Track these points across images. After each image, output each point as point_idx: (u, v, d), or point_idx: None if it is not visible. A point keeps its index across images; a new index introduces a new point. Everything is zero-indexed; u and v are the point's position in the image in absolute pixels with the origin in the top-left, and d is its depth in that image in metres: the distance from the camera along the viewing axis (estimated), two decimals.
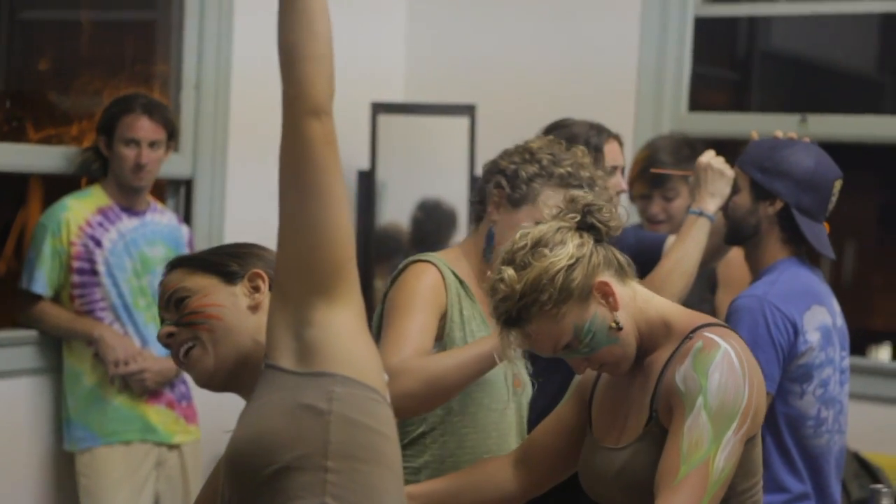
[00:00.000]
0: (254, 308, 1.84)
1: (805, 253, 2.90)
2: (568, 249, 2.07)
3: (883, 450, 4.17)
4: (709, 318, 2.13)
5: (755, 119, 4.78)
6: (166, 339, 1.87)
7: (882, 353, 5.78)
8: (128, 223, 3.91)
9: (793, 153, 2.86)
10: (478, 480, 2.33)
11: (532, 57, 4.99)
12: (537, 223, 2.23)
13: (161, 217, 4.01)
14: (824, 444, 2.77)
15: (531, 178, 2.57)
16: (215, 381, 1.85)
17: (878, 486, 2.50)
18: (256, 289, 1.85)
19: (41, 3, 4.70)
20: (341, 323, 1.69)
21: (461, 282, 2.59)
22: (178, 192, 4.46)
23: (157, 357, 3.87)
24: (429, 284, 2.52)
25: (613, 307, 2.08)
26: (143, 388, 3.84)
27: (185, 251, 4.02)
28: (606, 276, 2.09)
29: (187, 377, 3.96)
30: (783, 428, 2.73)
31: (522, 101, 4.88)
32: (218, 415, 4.30)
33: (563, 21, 4.95)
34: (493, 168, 2.64)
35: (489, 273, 2.14)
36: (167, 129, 3.89)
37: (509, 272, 2.07)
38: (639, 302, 2.13)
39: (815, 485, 2.76)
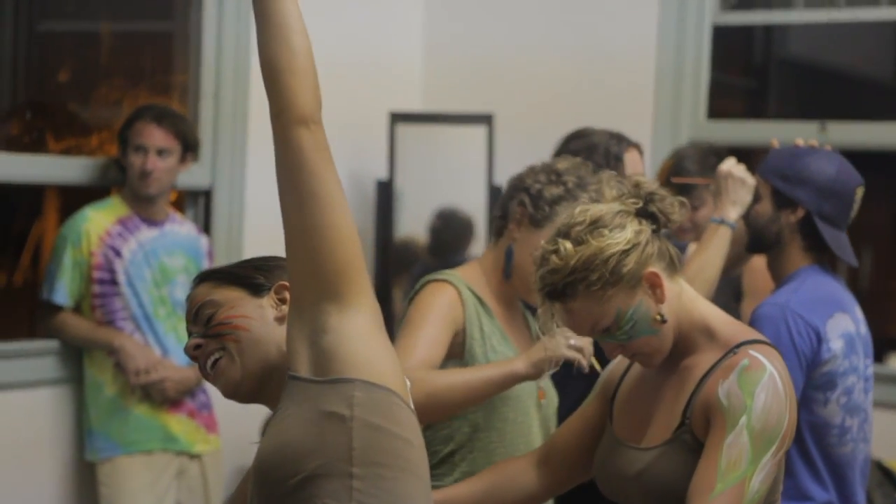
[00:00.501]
0: (280, 319, 1.84)
1: (827, 260, 2.90)
2: (626, 234, 2.06)
3: (892, 457, 4.16)
4: (753, 333, 2.13)
5: (774, 127, 4.77)
6: (193, 352, 1.88)
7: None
8: (147, 233, 3.92)
9: (814, 161, 2.85)
10: (500, 482, 2.33)
11: (550, 66, 4.99)
12: None
13: (180, 227, 4.02)
14: (849, 453, 2.76)
15: (555, 200, 2.57)
16: (242, 392, 1.86)
17: None
18: (283, 300, 1.86)
19: (60, 14, 4.72)
20: (355, 327, 1.69)
21: (479, 299, 2.59)
22: (198, 203, 4.47)
23: (177, 366, 3.88)
24: (444, 301, 2.53)
25: (659, 299, 2.08)
26: (163, 398, 3.85)
27: (205, 261, 4.03)
28: (657, 268, 2.08)
29: (208, 386, 3.97)
30: (807, 436, 2.72)
31: (540, 111, 4.89)
32: (239, 424, 4.32)
33: (580, 30, 4.95)
34: (519, 185, 2.64)
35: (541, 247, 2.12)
36: (179, 139, 3.89)
37: (567, 245, 2.06)
38: (684, 300, 2.12)
39: (839, 494, 2.75)
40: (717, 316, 2.14)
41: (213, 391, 4.02)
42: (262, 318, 1.85)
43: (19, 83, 4.69)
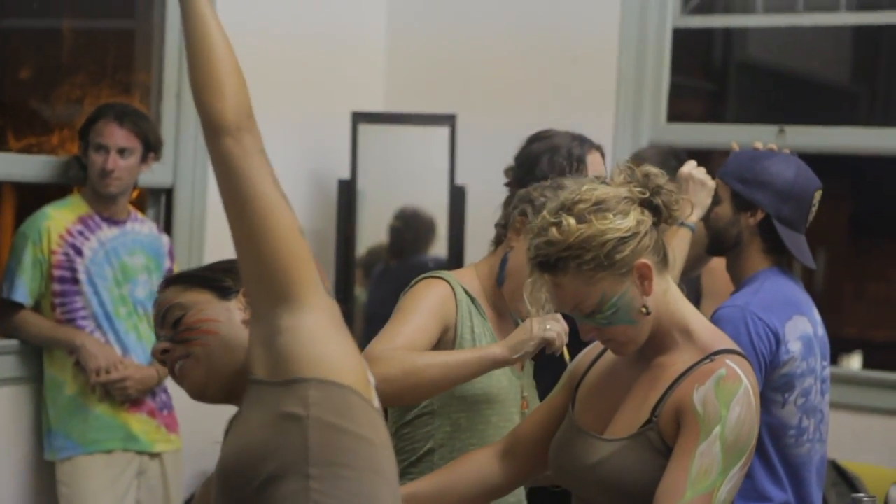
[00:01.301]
0: (248, 322, 1.84)
1: (786, 263, 2.93)
2: (628, 222, 2.06)
3: (856, 458, 4.21)
4: (730, 343, 2.15)
5: (733, 130, 4.81)
6: (161, 355, 1.88)
7: (853, 362, 5.83)
8: (108, 232, 3.91)
9: (773, 164, 2.88)
10: (463, 473, 2.33)
11: (512, 67, 5.01)
12: None
13: (141, 226, 4.01)
14: (805, 454, 2.79)
15: None
16: (209, 395, 1.86)
17: (860, 495, 2.53)
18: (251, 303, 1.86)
19: (21, 11, 4.69)
20: (308, 326, 1.70)
21: (472, 299, 2.61)
22: (159, 201, 4.46)
23: (138, 365, 3.87)
24: (437, 294, 2.55)
25: (646, 291, 2.08)
26: (124, 397, 3.84)
27: (166, 260, 4.02)
28: (650, 261, 2.08)
29: (169, 385, 3.97)
30: (765, 437, 2.75)
31: (503, 112, 4.91)
32: (200, 424, 4.30)
33: (543, 31, 4.97)
34: (524, 197, 2.66)
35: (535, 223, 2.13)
36: (140, 138, 3.87)
37: (570, 220, 2.05)
38: (668, 298, 2.13)
39: (796, 494, 2.78)
40: (697, 320, 2.16)
41: (174, 390, 4.01)
42: (229, 322, 1.86)
43: None
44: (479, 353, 2.47)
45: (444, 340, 2.57)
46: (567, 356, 2.51)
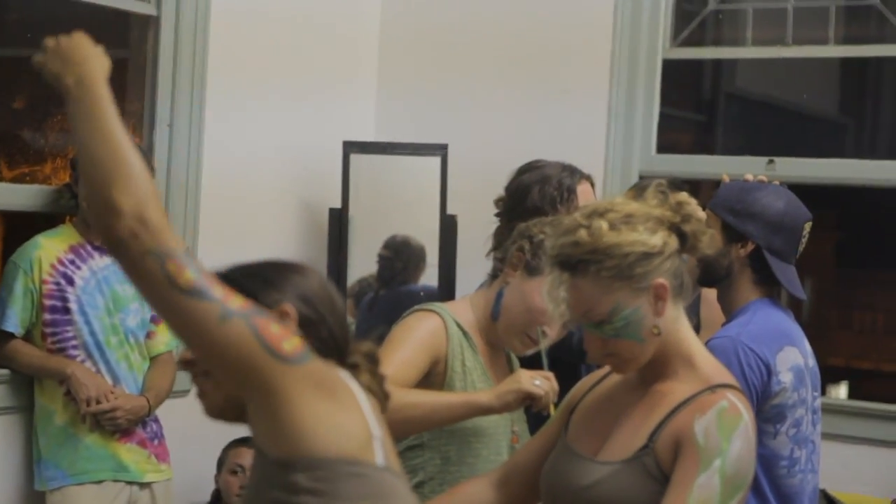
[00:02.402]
0: None
1: (777, 294, 2.94)
2: (655, 240, 2.08)
3: (846, 488, 4.21)
4: (731, 378, 2.16)
5: (723, 161, 4.84)
6: (184, 365, 1.80)
7: (840, 391, 5.84)
8: (99, 261, 3.90)
9: (764, 196, 2.90)
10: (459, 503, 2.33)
11: (504, 98, 5.03)
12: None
13: None
14: (797, 484, 2.80)
15: None
16: (226, 416, 1.78)
17: None
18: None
19: (14, 41, 4.70)
20: (291, 408, 1.63)
21: (464, 333, 2.62)
22: None
23: (129, 395, 3.87)
24: (427, 328, 2.56)
25: (659, 312, 2.09)
26: (115, 427, 3.83)
27: None
28: (668, 284, 2.10)
29: (159, 415, 3.96)
30: (757, 468, 2.73)
31: (494, 142, 4.93)
32: (190, 454, 4.31)
33: (534, 62, 5.00)
34: (523, 232, 2.67)
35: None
36: None
37: (602, 224, 2.07)
38: (678, 326, 2.13)
39: None
40: (702, 353, 2.17)
41: (164, 420, 4.00)
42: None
43: None
44: (465, 398, 2.49)
45: (434, 373, 2.58)
46: (553, 414, 2.51)
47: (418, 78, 5.20)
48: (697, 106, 6.44)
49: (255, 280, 1.76)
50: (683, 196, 2.15)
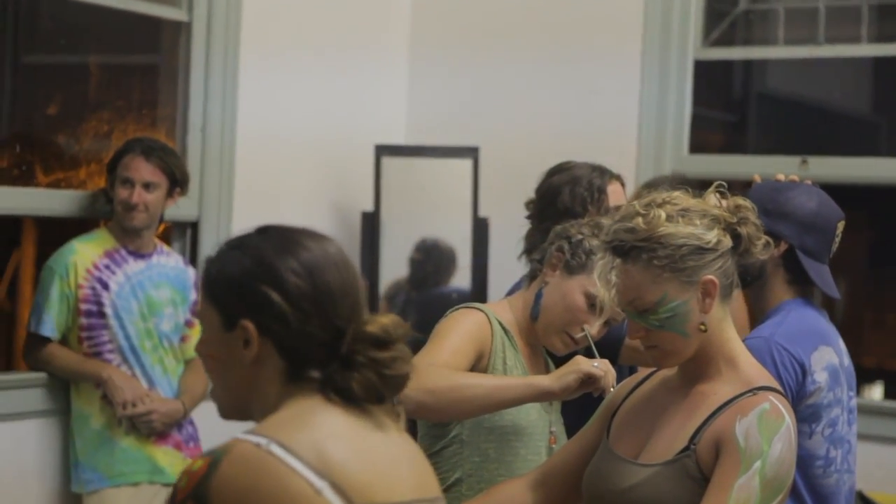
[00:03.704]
0: (256, 361, 1.70)
1: (810, 293, 2.93)
2: (710, 236, 2.09)
3: (882, 489, 4.20)
4: (773, 382, 2.17)
5: (756, 161, 4.83)
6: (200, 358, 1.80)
7: (874, 392, 5.81)
8: (134, 266, 3.93)
9: (796, 195, 2.89)
10: None
11: (535, 100, 5.04)
12: (586, 294, 2.41)
13: (167, 259, 4.04)
14: (833, 484, 2.79)
15: (593, 251, 2.60)
16: (231, 414, 1.77)
17: None
18: (247, 342, 1.69)
19: (48, 47, 4.75)
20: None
21: (506, 331, 2.63)
22: (185, 235, 4.49)
23: (164, 399, 3.90)
24: (474, 321, 2.58)
25: (705, 309, 2.10)
26: (150, 430, 3.86)
27: (192, 293, 4.04)
28: (718, 281, 2.10)
29: (194, 418, 3.99)
30: None
31: (525, 144, 4.93)
32: None
33: (565, 64, 5.00)
34: (562, 233, 2.69)
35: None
36: (166, 173, 3.91)
37: (660, 213, 2.08)
38: (724, 326, 2.14)
39: None
40: (745, 355, 2.17)
41: (200, 423, 4.03)
42: (228, 361, 1.71)
43: (8, 116, 4.71)
44: (525, 379, 2.49)
45: (477, 368, 2.59)
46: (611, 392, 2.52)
47: (449, 80, 5.22)
48: (728, 106, 6.42)
49: (228, 283, 1.70)
50: (743, 200, 2.17)
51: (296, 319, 1.67)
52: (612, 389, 2.43)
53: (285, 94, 4.74)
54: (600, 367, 2.46)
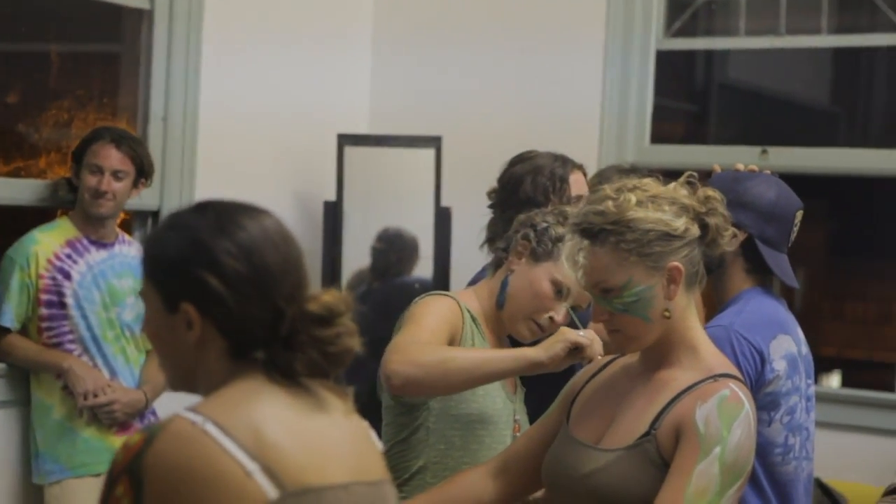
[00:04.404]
0: (199, 343, 1.69)
1: (769, 283, 2.96)
2: (678, 223, 2.12)
3: (840, 476, 4.24)
4: (733, 370, 2.19)
5: (717, 151, 4.86)
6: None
7: (832, 381, 5.87)
8: (96, 255, 3.92)
9: (755, 185, 2.91)
10: (457, 493, 2.35)
11: (497, 89, 5.05)
12: (552, 281, 2.43)
13: (129, 249, 4.03)
14: (792, 471, 2.81)
15: (559, 238, 2.62)
16: (178, 387, 1.76)
17: None
18: (189, 324, 1.68)
19: (9, 35, 4.71)
20: None
21: (474, 319, 2.64)
22: (146, 224, 4.47)
23: (126, 389, 3.88)
24: (446, 306, 2.59)
25: (669, 296, 2.12)
26: (112, 420, 3.85)
27: None
28: (683, 269, 2.13)
29: (156, 408, 3.98)
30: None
31: (488, 134, 4.94)
32: None
33: (527, 54, 5.01)
34: (526, 221, 2.70)
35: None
36: (134, 163, 3.90)
37: (631, 198, 2.10)
38: (687, 314, 2.16)
39: None
40: (706, 343, 2.20)
41: (161, 413, 4.01)
42: (173, 341, 1.70)
43: None
44: (514, 351, 2.49)
45: None
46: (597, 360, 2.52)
47: (412, 70, 5.22)
48: (690, 96, 6.46)
49: (166, 266, 1.69)
50: (713, 192, 2.19)
51: (234, 302, 1.66)
52: (598, 357, 2.44)
53: (247, 84, 4.73)
54: (586, 336, 2.47)
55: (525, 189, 3.15)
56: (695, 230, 2.13)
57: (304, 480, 1.63)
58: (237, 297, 1.66)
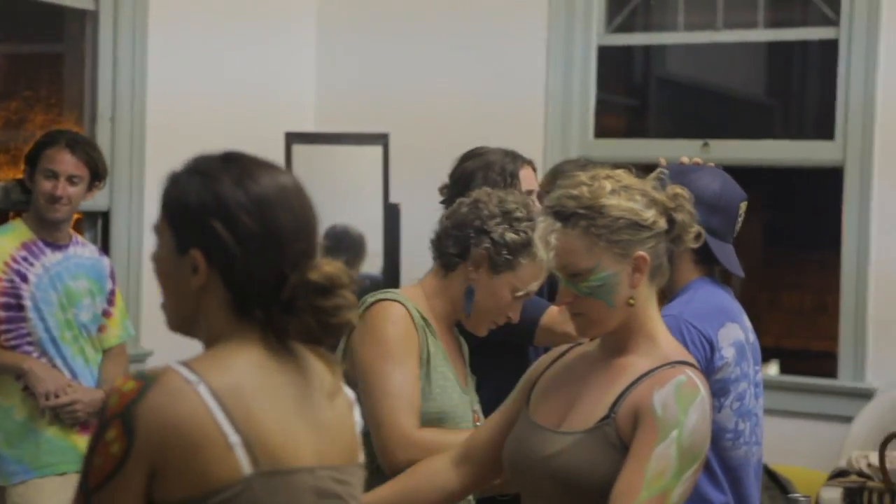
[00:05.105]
0: (202, 289, 1.71)
1: (715, 273, 3.03)
2: (647, 214, 2.17)
3: (784, 461, 4.34)
4: (690, 358, 2.25)
5: (659, 144, 4.95)
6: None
7: (770, 370, 5.97)
8: (52, 257, 3.92)
9: (700, 177, 2.97)
10: (421, 482, 2.39)
11: (443, 86, 5.10)
12: (513, 289, 2.51)
13: (83, 250, 4.03)
14: (742, 456, 2.88)
15: (516, 250, 2.65)
16: (177, 328, 1.77)
17: (796, 495, 2.62)
18: (195, 269, 1.71)
19: None
20: None
21: (425, 320, 2.67)
22: (96, 224, 4.48)
23: (87, 388, 3.89)
24: (402, 327, 2.59)
25: (633, 284, 2.18)
26: (74, 420, 3.85)
27: (108, 283, 4.04)
28: (648, 259, 2.19)
29: None
30: None
31: (435, 130, 4.99)
32: None
33: (472, 52, 5.07)
34: (477, 225, 2.68)
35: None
36: (89, 167, 3.90)
37: (606, 185, 2.16)
38: (648, 304, 2.22)
39: (735, 496, 2.85)
40: (664, 333, 2.26)
41: None
42: (178, 282, 1.72)
43: None
44: None
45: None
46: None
47: (357, 68, 5.25)
48: (630, 91, 6.54)
49: (182, 210, 1.72)
50: (681, 189, 2.26)
51: (241, 257, 1.68)
52: None
53: (194, 83, 4.74)
54: None
55: (476, 184, 3.18)
56: (662, 223, 2.20)
57: (276, 460, 1.66)
58: (245, 253, 1.68)
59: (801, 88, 7.02)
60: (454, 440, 2.48)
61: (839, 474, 4.25)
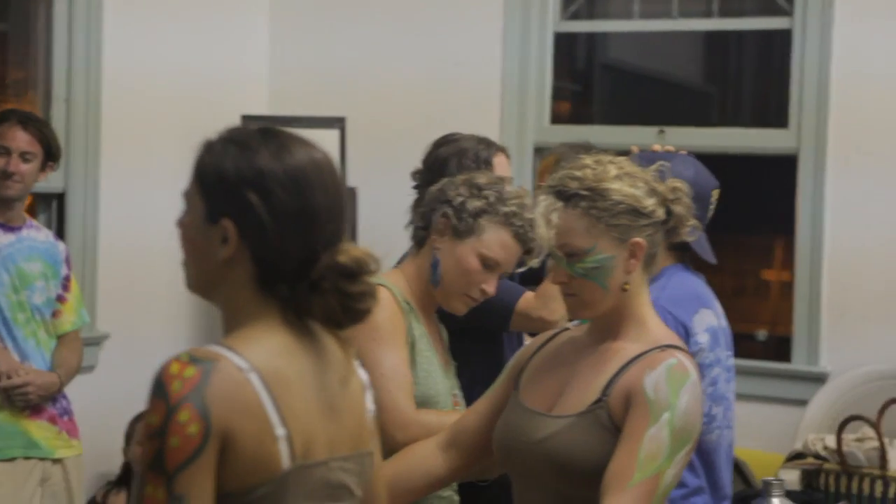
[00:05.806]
0: (228, 261, 1.69)
1: (688, 259, 3.07)
2: (648, 202, 2.20)
3: (738, 444, 4.41)
4: (679, 342, 2.28)
5: (615, 131, 4.99)
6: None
7: None
8: (3, 238, 3.87)
9: (673, 165, 3.00)
10: (407, 467, 2.41)
11: (400, 70, 5.09)
12: (480, 256, 2.48)
13: (37, 234, 3.98)
14: (715, 440, 2.93)
15: (477, 212, 2.66)
16: (196, 291, 1.75)
17: (770, 478, 2.67)
18: (225, 240, 1.69)
19: None
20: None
21: (409, 304, 2.68)
22: (51, 206, 4.42)
23: (39, 371, 3.84)
24: (389, 315, 2.60)
25: (628, 269, 2.21)
26: (26, 402, 3.80)
27: (63, 267, 3.99)
28: (644, 245, 2.22)
29: (69, 391, 3.95)
30: None
31: (391, 114, 4.99)
32: (99, 428, 4.30)
33: (429, 37, 5.07)
34: (441, 197, 2.72)
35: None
36: (42, 144, 3.86)
37: (610, 170, 2.19)
38: (640, 291, 2.25)
39: (708, 479, 2.90)
40: (654, 319, 2.29)
41: (73, 396, 3.98)
42: (206, 250, 1.70)
43: None
44: None
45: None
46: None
47: (312, 51, 5.23)
48: (573, 77, 6.57)
49: (218, 179, 1.70)
50: (680, 182, 2.29)
51: (274, 233, 1.66)
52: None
53: (150, 65, 4.70)
54: None
55: (450, 171, 3.19)
56: (661, 213, 2.23)
57: (306, 456, 1.66)
58: (278, 229, 1.66)
59: (738, 76, 7.09)
60: (452, 421, 2.49)
61: (796, 457, 4.32)
